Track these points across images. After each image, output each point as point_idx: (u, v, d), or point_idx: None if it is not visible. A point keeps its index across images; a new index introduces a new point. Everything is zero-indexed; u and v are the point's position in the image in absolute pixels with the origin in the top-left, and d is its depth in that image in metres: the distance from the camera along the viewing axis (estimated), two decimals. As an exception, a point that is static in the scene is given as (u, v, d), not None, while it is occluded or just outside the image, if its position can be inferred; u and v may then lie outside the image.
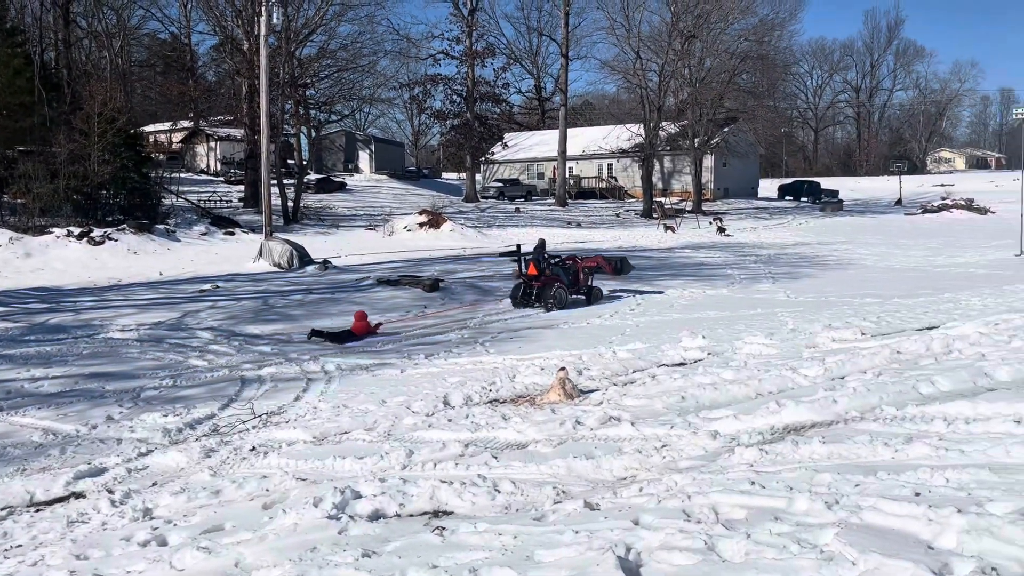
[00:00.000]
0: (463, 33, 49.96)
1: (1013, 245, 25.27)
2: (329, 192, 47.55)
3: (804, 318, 12.81)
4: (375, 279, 18.88)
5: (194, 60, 53.33)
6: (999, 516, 4.12)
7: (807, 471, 5.24)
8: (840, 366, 8.52)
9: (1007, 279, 17.28)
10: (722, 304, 15.39)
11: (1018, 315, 10.84)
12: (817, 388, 7.65)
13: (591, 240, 32.47)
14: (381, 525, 4.98)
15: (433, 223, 32.33)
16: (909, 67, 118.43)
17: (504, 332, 12.95)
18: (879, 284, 17.79)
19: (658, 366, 9.71)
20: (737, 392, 7.82)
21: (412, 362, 10.61)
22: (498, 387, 8.94)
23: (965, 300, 13.70)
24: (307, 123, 44.26)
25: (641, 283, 18.36)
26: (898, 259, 24.46)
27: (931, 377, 7.40)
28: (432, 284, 17.47)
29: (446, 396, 8.45)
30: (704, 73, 47.35)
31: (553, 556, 4.16)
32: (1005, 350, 8.52)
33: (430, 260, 24.27)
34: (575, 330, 13.04)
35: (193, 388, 9.36)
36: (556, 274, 15.85)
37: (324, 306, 15.62)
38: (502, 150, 59.52)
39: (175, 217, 29.59)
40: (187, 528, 5.10)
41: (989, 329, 9.86)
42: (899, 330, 10.90)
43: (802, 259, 25.16)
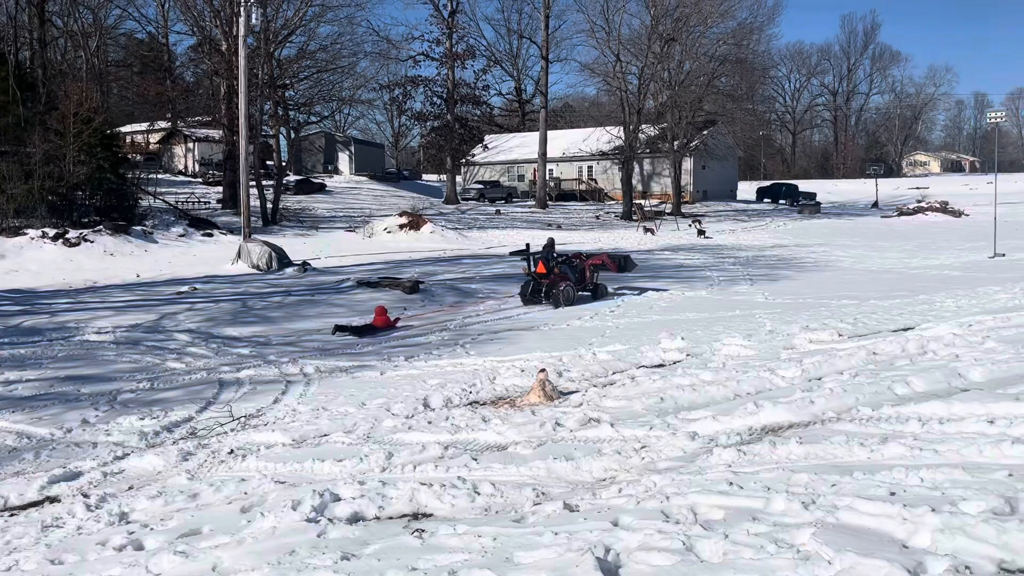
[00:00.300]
0: (443, 35, 49.97)
1: (987, 247, 25.63)
2: (308, 193, 47.35)
3: (782, 320, 12.91)
4: (355, 281, 18.81)
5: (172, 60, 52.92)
6: (972, 515, 4.17)
7: (784, 471, 5.28)
8: (817, 367, 8.59)
9: (980, 281, 17.51)
10: (701, 306, 15.47)
11: (991, 316, 10.98)
12: (794, 389, 7.71)
13: (571, 242, 32.51)
14: (360, 528, 4.97)
15: (413, 225, 32.26)
16: (885, 71, 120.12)
17: (484, 334, 12.95)
18: (856, 286, 17.96)
19: (637, 367, 9.75)
20: (715, 393, 7.86)
21: (392, 364, 10.58)
22: (478, 389, 8.94)
23: (940, 302, 13.87)
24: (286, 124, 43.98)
25: (627, 283, 18.42)
26: (874, 261, 24.70)
27: (906, 378, 7.48)
28: (412, 286, 17.44)
29: (426, 398, 8.44)
30: (683, 76, 47.60)
31: (533, 557, 4.16)
32: (978, 351, 8.63)
33: (410, 262, 24.22)
34: (555, 332, 13.06)
35: (170, 391, 9.28)
36: (564, 272, 16.38)
37: (303, 308, 15.54)
38: (482, 152, 59.60)
39: (152, 219, 29.30)
40: (164, 532, 5.06)
41: (963, 330, 9.98)
42: (875, 331, 11.01)
43: (780, 261, 25.36)
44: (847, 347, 9.78)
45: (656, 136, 51.46)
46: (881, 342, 9.74)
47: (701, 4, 45.32)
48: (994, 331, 9.74)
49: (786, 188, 65.31)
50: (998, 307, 12.24)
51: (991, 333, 9.58)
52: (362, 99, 55.21)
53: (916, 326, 11.00)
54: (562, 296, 15.85)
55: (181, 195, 37.93)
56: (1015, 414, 6.05)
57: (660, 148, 51.94)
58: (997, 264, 22.41)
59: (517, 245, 31.20)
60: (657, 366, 9.84)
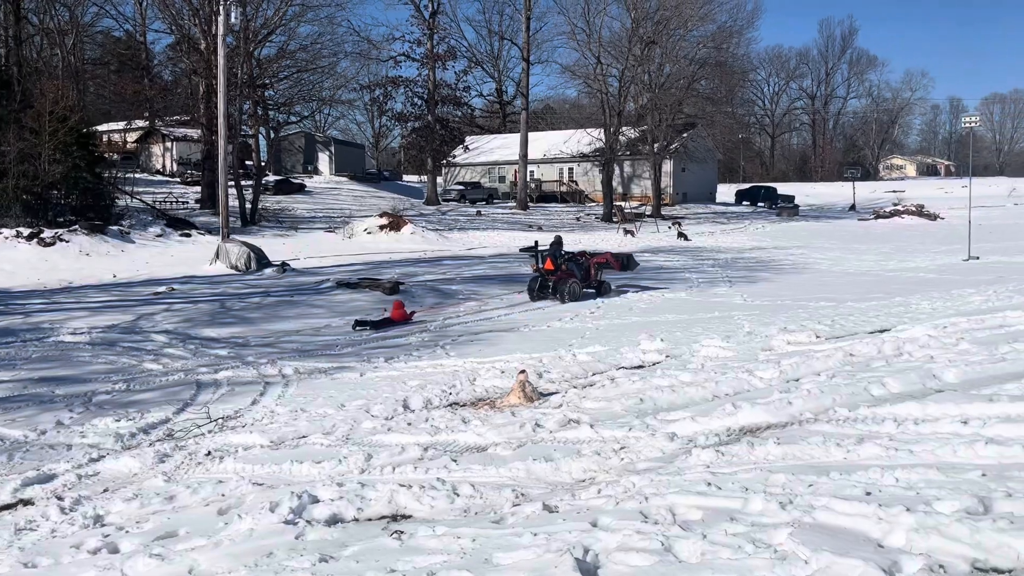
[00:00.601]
0: (424, 36, 49.84)
1: (961, 250, 25.97)
2: (288, 194, 47.04)
3: (760, 321, 13.00)
4: (334, 282, 18.74)
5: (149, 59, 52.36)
6: (946, 515, 4.22)
7: (762, 472, 5.32)
8: (795, 368, 8.66)
9: (955, 283, 17.73)
10: (680, 307, 15.55)
11: (965, 318, 11.12)
12: (772, 390, 7.77)
13: (552, 243, 32.53)
14: (339, 530, 4.94)
15: (394, 226, 32.17)
16: (862, 76, 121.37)
17: (465, 335, 12.94)
18: (833, 288, 18.13)
19: (617, 369, 9.78)
20: (694, 394, 7.90)
21: (371, 365, 10.55)
22: (458, 390, 8.93)
23: (915, 304, 14.02)
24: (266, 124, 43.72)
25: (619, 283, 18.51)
26: (852, 263, 24.95)
27: (882, 379, 7.55)
28: (392, 287, 17.40)
29: (406, 399, 8.42)
30: (663, 79, 47.81)
31: (511, 559, 4.16)
32: (953, 352, 8.74)
33: (390, 263, 24.15)
34: (536, 333, 13.08)
35: (147, 392, 9.20)
36: (570, 269, 17.17)
37: (282, 309, 15.45)
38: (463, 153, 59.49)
39: (129, 218, 29.00)
40: (139, 535, 5.01)
41: (938, 332, 10.09)
42: (852, 333, 11.12)
43: (759, 263, 25.54)
44: (824, 349, 9.86)
45: (636, 139, 51.63)
46: (858, 344, 9.83)
47: (681, 7, 45.56)
48: (968, 333, 9.86)
49: (765, 191, 65.78)
50: (972, 309, 12.39)
51: (965, 335, 9.70)
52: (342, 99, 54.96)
53: (892, 328, 11.12)
54: (568, 292, 16.56)
55: (159, 195, 37.58)
56: (988, 415, 6.13)
57: (640, 150, 52.14)
58: (971, 267, 22.70)
59: (498, 247, 31.26)
60: (637, 367, 9.87)
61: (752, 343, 10.86)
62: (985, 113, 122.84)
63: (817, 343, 10.46)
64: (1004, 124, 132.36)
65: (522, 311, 15.46)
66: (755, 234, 39.76)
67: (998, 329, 9.98)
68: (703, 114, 51.00)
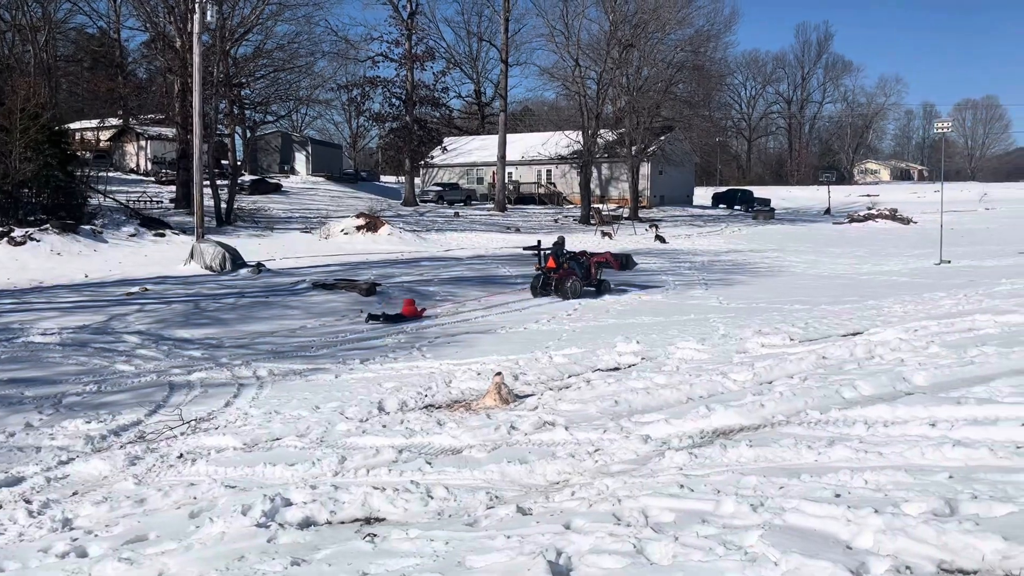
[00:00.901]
0: (402, 36, 49.75)
1: (933, 254, 26.32)
2: (264, 194, 46.71)
3: (735, 324, 13.10)
4: (310, 283, 18.64)
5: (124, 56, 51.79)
6: (913, 516, 4.28)
7: (734, 474, 5.37)
8: (768, 371, 8.74)
9: (927, 287, 17.96)
10: (657, 309, 15.64)
11: (935, 322, 11.27)
12: (746, 393, 7.84)
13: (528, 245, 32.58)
14: (311, 533, 4.92)
15: (371, 226, 32.06)
16: (837, 81, 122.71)
17: (442, 337, 12.93)
18: (808, 291, 18.31)
19: (593, 371, 9.82)
20: (669, 396, 7.96)
21: (347, 367, 10.50)
22: (434, 392, 8.92)
23: (887, 307, 14.19)
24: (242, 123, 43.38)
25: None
26: (826, 267, 25.21)
27: (854, 382, 7.65)
28: (369, 288, 17.34)
29: (381, 402, 8.40)
30: (641, 82, 48.03)
31: (484, 561, 4.17)
32: (923, 355, 8.86)
33: (367, 264, 24.07)
34: (513, 335, 13.09)
35: (118, 394, 9.10)
36: (572, 268, 17.90)
37: (257, 310, 15.35)
38: (441, 154, 59.45)
39: (102, 217, 28.68)
40: (109, 539, 4.96)
41: (909, 335, 10.23)
42: (825, 336, 11.24)
43: (735, 266, 25.74)
44: (798, 351, 9.97)
45: (614, 141, 51.84)
46: (830, 346, 9.95)
47: (659, 11, 45.82)
48: (938, 336, 10.00)
49: (741, 194, 66.31)
50: (942, 313, 12.57)
51: (935, 338, 9.84)
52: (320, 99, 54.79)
53: (864, 331, 11.25)
54: (570, 289, 17.35)
55: (133, 194, 37.18)
56: (956, 417, 6.23)
57: (618, 153, 52.35)
58: (943, 271, 23.02)
59: (476, 248, 31.28)
60: (612, 369, 9.92)
61: (727, 345, 10.95)
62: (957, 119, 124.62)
63: (791, 346, 10.57)
64: (976, 130, 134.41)
65: (499, 312, 15.46)
66: (731, 237, 40.07)
67: (967, 333, 10.13)
68: (680, 117, 51.30)
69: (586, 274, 18.10)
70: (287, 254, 26.11)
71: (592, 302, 16.77)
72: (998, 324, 10.48)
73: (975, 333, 10.02)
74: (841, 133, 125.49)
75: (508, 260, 26.40)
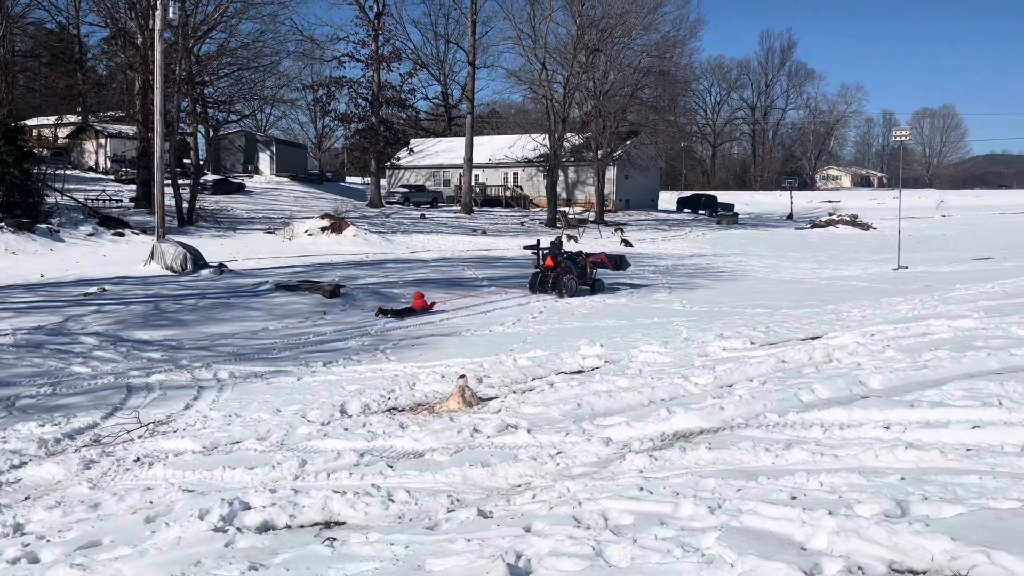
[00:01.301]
0: (369, 36, 49.46)
1: (891, 260, 26.84)
2: (227, 194, 46.15)
3: (697, 327, 13.24)
4: (273, 284, 18.45)
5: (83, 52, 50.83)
6: (866, 518, 4.37)
7: (693, 476, 5.43)
8: (729, 374, 8.85)
9: (884, 292, 18.30)
10: (621, 313, 15.74)
11: (892, 326, 11.50)
12: (706, 396, 7.93)
13: (496, 248, 32.67)
14: (270, 537, 4.88)
15: (336, 228, 31.83)
16: (800, 88, 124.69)
17: (406, 339, 12.88)
18: (769, 295, 18.56)
19: (557, 374, 9.86)
20: (631, 399, 8.02)
21: (309, 369, 10.43)
22: (397, 395, 8.90)
23: (846, 311, 14.44)
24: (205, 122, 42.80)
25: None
26: (788, 271, 25.56)
27: (811, 385, 7.78)
28: (333, 290, 17.21)
29: (343, 404, 8.36)
30: (608, 86, 48.31)
31: (444, 565, 4.17)
32: (879, 359, 9.04)
33: (331, 265, 23.88)
34: (477, 338, 13.09)
35: (74, 396, 8.94)
36: (568, 267, 18.59)
37: (218, 311, 15.16)
38: (408, 155, 59.22)
39: (59, 216, 28.10)
40: (61, 544, 4.87)
41: (866, 339, 10.42)
42: (785, 340, 11.40)
43: (698, 270, 25.99)
44: (758, 355, 10.10)
45: (581, 145, 52.08)
46: (790, 350, 10.10)
47: (626, 16, 46.13)
48: (894, 340, 10.20)
49: (705, 199, 66.98)
50: (899, 317, 12.83)
51: (891, 342, 10.04)
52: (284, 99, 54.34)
53: (823, 335, 11.43)
54: (566, 287, 18.07)
55: (91, 192, 36.48)
56: (909, 420, 6.36)
57: (584, 157, 52.59)
58: (900, 276, 23.47)
59: (442, 250, 31.20)
60: (576, 372, 9.97)
61: (689, 349, 11.07)
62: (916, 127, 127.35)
63: (751, 349, 10.70)
64: (934, 138, 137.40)
65: (465, 315, 15.46)
66: (695, 241, 40.46)
67: (922, 337, 10.35)
68: (646, 122, 51.66)
69: (582, 273, 18.86)
70: (250, 255, 25.82)
71: (557, 305, 16.83)
72: (951, 329, 10.72)
73: (929, 337, 10.24)
74: (803, 139, 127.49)
75: (474, 262, 26.39)
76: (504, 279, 21.62)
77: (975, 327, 10.75)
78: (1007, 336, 9.76)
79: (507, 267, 25.39)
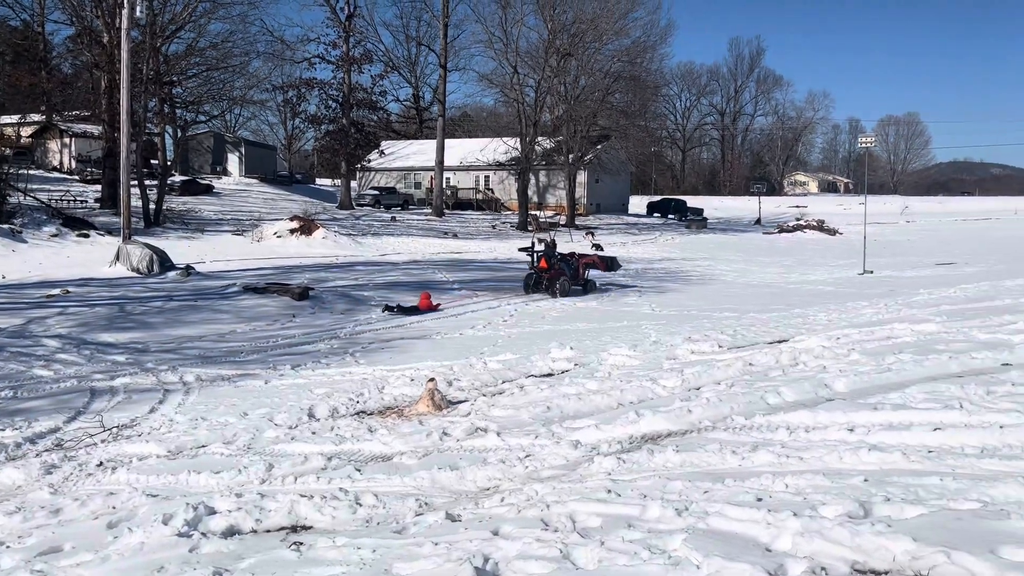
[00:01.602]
0: (340, 38, 49.20)
1: (857, 264, 27.24)
2: (195, 195, 45.59)
3: (666, 331, 13.33)
4: (241, 286, 18.28)
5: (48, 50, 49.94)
6: (830, 519, 4.42)
7: (661, 479, 5.46)
8: (697, 377, 8.92)
9: (850, 296, 18.57)
10: (591, 316, 15.81)
11: (857, 330, 11.66)
12: (674, 399, 7.98)
13: (466, 251, 32.64)
14: (236, 542, 4.83)
15: (305, 230, 31.59)
16: (769, 94, 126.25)
17: (375, 343, 12.83)
18: (737, 299, 18.74)
19: (527, 377, 9.87)
20: (600, 402, 8.06)
21: (277, 372, 10.35)
22: (366, 398, 8.85)
23: (812, 315, 14.62)
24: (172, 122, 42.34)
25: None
26: (756, 275, 25.84)
27: (778, 388, 7.86)
28: (301, 292, 17.09)
29: (311, 408, 8.30)
30: (579, 91, 48.50)
31: (411, 569, 4.15)
32: (844, 362, 9.16)
33: (301, 268, 23.70)
34: (447, 341, 13.07)
35: (36, 400, 8.78)
36: (562, 268, 19.26)
37: (185, 314, 14.98)
38: (379, 158, 58.98)
39: (22, 216, 27.57)
40: (21, 551, 4.78)
41: (831, 343, 10.56)
42: (752, 343, 11.52)
43: (668, 274, 26.17)
44: (726, 358, 10.19)
45: (552, 149, 52.25)
46: (757, 353, 10.20)
47: (597, 21, 46.36)
48: (859, 344, 10.35)
49: (675, 203, 67.49)
50: (864, 321, 13.01)
51: (856, 346, 10.18)
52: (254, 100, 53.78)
53: (790, 338, 11.57)
54: (560, 288, 18.69)
55: (56, 193, 35.86)
56: (872, 422, 6.46)
57: (556, 161, 52.74)
58: (866, 280, 23.83)
59: (413, 253, 31.10)
60: (546, 375, 9.99)
61: (657, 352, 11.14)
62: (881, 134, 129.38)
63: (719, 352, 10.79)
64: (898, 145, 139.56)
65: (435, 318, 15.42)
66: (665, 245, 40.74)
67: (885, 341, 10.51)
68: (617, 126, 51.94)
69: (574, 274, 19.52)
70: (218, 257, 25.53)
71: (528, 308, 16.86)
72: (914, 332, 10.91)
73: (893, 341, 10.41)
74: (772, 145, 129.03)
75: (445, 265, 26.34)
76: (475, 282, 21.62)
77: (937, 331, 10.95)
78: (968, 340, 9.94)
79: (478, 270, 25.38)
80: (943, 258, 32.10)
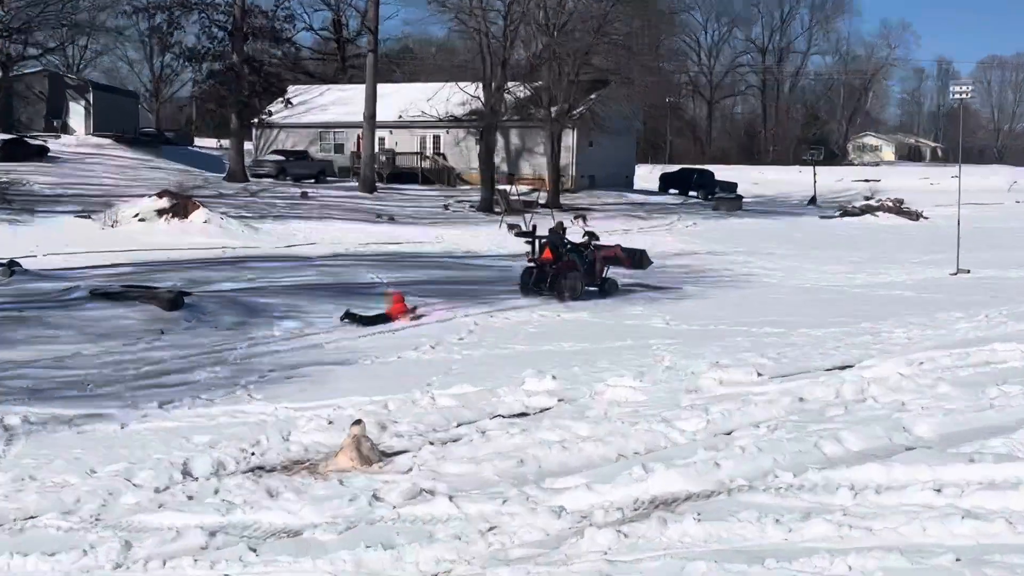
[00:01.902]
0: (230, -59, 49.03)
1: (948, 261, 27.52)
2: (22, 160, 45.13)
3: (685, 353, 13.42)
4: (88, 290, 18.11)
5: None
6: (909, 613, 4.50)
7: (676, 560, 5.51)
8: (727, 418, 9.00)
9: (939, 305, 18.82)
10: (582, 332, 15.88)
11: (946, 352, 11.84)
12: (696, 448, 8.06)
13: (408, 240, 32.68)
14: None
15: (179, 211, 31.45)
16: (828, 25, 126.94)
17: (278, 369, 12.79)
18: (783, 309, 18.92)
19: (491, 417, 9.90)
20: (593, 453, 8.10)
21: (139, 412, 10.29)
22: (265, 449, 8.83)
23: (887, 332, 14.82)
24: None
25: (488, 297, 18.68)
26: (809, 276, 26.11)
27: (838, 432, 7.97)
28: (173, 299, 16.97)
29: (186, 463, 8.27)
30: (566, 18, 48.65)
31: None
32: (928, 397, 9.31)
33: (173, 264, 23.58)
34: (382, 367, 13.08)
35: None
36: (573, 261, 19.60)
37: (7, 329, 14.79)
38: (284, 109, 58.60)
39: None
40: None
41: (912, 370, 10.72)
42: (803, 370, 11.64)
43: (688, 274, 26.33)
44: (767, 391, 10.30)
45: (528, 99, 52.28)
46: (810, 384, 10.33)
47: (590, -79, 46.62)
48: (949, 371, 10.53)
49: (699, 175, 67.88)
50: (956, 340, 13.23)
51: (945, 374, 10.36)
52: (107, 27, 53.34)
53: (855, 363, 11.72)
54: (568, 287, 19.03)
55: None
56: (968, 480, 6.57)
57: (533, 115, 52.80)
58: (960, 283, 24.18)
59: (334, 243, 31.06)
60: (518, 415, 10.03)
61: (673, 382, 11.22)
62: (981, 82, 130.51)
63: (758, 383, 10.90)
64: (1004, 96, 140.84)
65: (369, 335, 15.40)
66: (684, 234, 41.00)
67: (985, 367, 10.70)
68: (617, 68, 52.16)
69: (590, 270, 19.87)
70: (55, 248, 25.30)
71: (493, 321, 16.89)
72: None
73: (995, 367, 10.60)
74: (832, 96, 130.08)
75: (379, 261, 26.31)
76: (418, 284, 21.59)
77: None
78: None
79: (424, 267, 25.42)
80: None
